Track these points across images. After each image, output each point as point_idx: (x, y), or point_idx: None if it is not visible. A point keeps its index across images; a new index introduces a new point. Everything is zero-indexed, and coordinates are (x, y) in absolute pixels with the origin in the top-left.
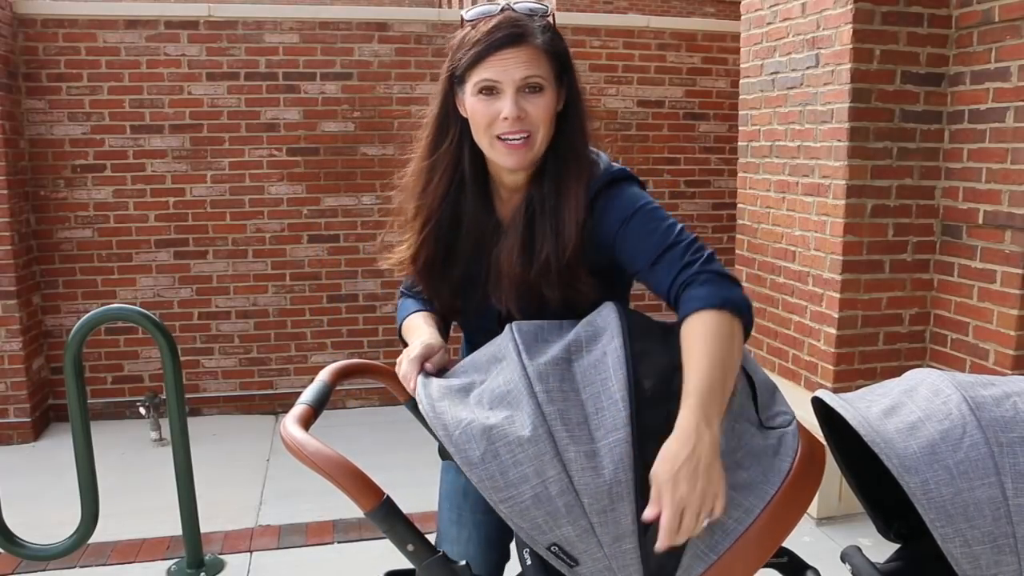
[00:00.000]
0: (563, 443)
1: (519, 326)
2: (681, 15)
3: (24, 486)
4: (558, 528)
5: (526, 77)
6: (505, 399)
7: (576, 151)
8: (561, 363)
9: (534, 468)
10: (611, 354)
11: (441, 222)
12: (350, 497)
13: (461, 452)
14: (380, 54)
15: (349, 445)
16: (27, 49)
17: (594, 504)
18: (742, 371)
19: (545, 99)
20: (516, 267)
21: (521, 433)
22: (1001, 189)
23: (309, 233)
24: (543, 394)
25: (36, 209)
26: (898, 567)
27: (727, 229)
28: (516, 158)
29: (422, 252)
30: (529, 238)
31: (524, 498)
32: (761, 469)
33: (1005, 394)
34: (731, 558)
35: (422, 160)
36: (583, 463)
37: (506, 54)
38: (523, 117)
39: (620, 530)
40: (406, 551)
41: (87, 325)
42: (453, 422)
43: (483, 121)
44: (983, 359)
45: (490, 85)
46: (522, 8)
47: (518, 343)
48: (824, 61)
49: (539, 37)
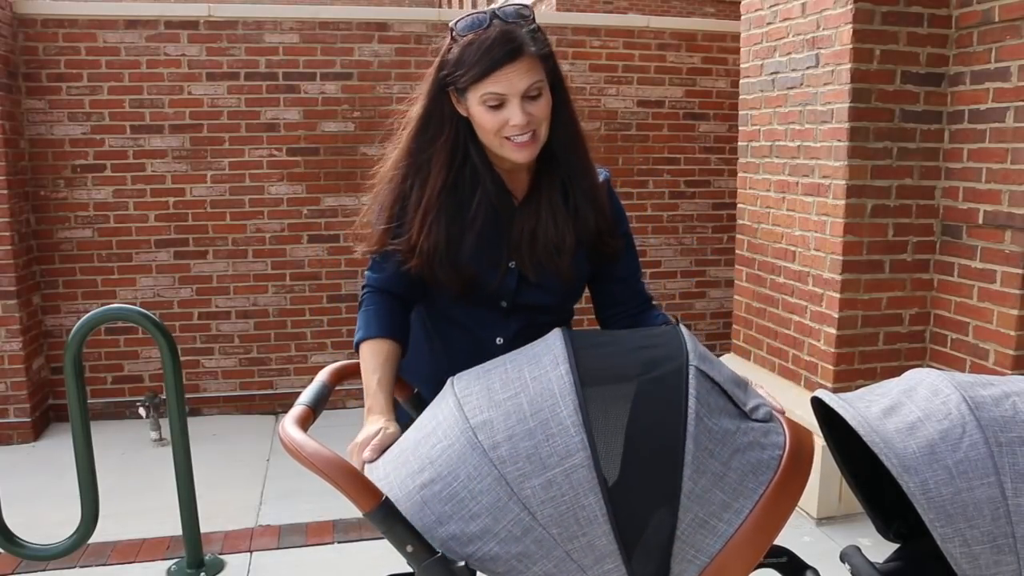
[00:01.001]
0: (517, 482)
1: (458, 377)
2: (681, 15)
3: (24, 486)
4: (535, 565)
5: (528, 87)
6: (449, 456)
7: (570, 126)
8: (506, 402)
9: (493, 517)
10: (556, 381)
11: (442, 211)
12: (349, 498)
13: (417, 520)
14: (380, 54)
15: (349, 445)
16: (27, 49)
17: (564, 532)
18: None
19: (545, 98)
20: (564, 238)
21: (471, 487)
22: (1001, 189)
23: (309, 233)
24: (487, 441)
25: (36, 209)
26: (898, 567)
27: (727, 229)
28: (525, 153)
29: (426, 241)
30: (565, 207)
31: (490, 547)
32: (749, 467)
33: (1004, 394)
34: (725, 558)
35: (413, 155)
36: (541, 496)
37: (507, 69)
38: (529, 120)
39: (598, 552)
40: (405, 552)
41: (87, 325)
42: (403, 493)
43: (492, 128)
44: (983, 359)
45: (496, 98)
46: (510, 15)
47: (456, 394)
48: (824, 61)
49: (532, 45)
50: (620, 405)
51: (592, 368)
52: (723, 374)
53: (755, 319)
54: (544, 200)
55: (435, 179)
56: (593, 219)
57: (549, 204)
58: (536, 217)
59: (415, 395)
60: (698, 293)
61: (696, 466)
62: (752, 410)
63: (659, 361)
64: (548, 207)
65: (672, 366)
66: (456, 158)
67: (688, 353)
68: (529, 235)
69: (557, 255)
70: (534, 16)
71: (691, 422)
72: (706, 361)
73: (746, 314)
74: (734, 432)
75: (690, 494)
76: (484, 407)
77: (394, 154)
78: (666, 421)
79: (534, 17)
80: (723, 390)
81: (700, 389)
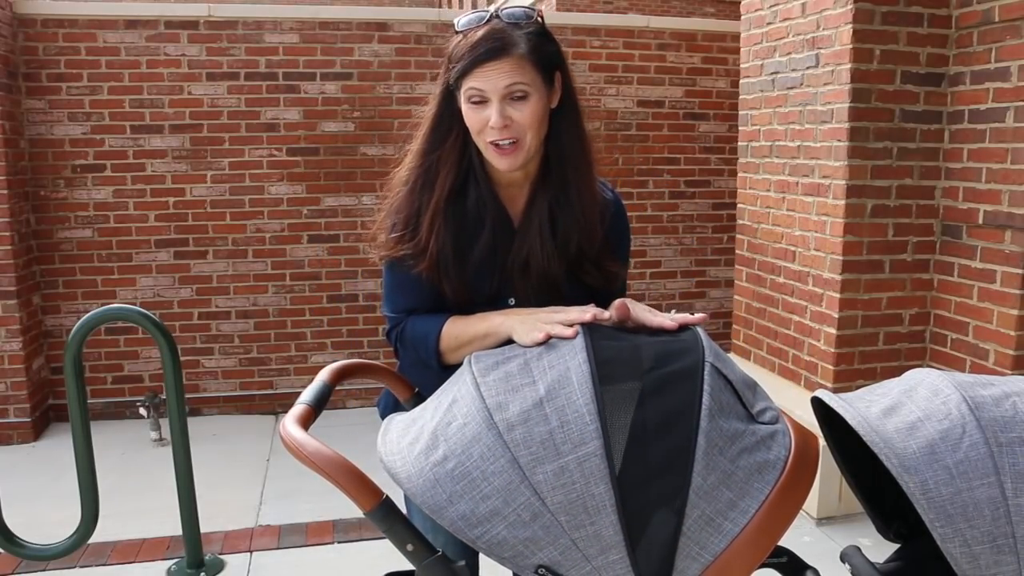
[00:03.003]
0: (529, 467)
1: (477, 357)
2: (681, 15)
3: (24, 486)
4: (540, 551)
5: (509, 86)
6: (464, 435)
7: (575, 145)
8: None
9: (503, 499)
10: (574, 370)
11: (449, 216)
12: (349, 497)
13: (427, 498)
14: (380, 54)
15: (349, 445)
16: (27, 49)
17: (572, 520)
18: (715, 370)
19: (531, 105)
20: (551, 264)
21: (484, 467)
22: (1001, 189)
23: (309, 233)
24: (503, 423)
25: (36, 209)
26: (898, 567)
27: (727, 229)
28: (507, 161)
29: (434, 244)
30: (553, 233)
31: (498, 531)
32: (756, 467)
33: (1005, 394)
34: (728, 558)
35: (424, 155)
36: (552, 483)
37: (489, 66)
38: (509, 124)
39: (604, 543)
40: (405, 551)
41: (87, 325)
42: (416, 470)
43: (475, 127)
44: (983, 359)
45: (478, 95)
46: (508, 16)
47: (475, 375)
48: (824, 61)
49: (522, 46)
50: (633, 398)
51: (608, 359)
52: (736, 374)
53: (755, 319)
54: (535, 224)
55: (443, 181)
56: (575, 243)
57: (539, 229)
58: (527, 244)
59: (416, 395)
60: (698, 293)
61: (706, 462)
62: (759, 413)
63: (675, 355)
64: (538, 232)
65: (688, 361)
66: (463, 161)
67: (704, 350)
68: (522, 264)
69: (549, 285)
70: (541, 21)
71: (704, 418)
72: (720, 359)
73: (746, 314)
74: (743, 432)
75: (698, 490)
76: (501, 390)
77: (408, 157)
78: (679, 415)
79: (541, 21)
80: (735, 390)
81: (714, 386)
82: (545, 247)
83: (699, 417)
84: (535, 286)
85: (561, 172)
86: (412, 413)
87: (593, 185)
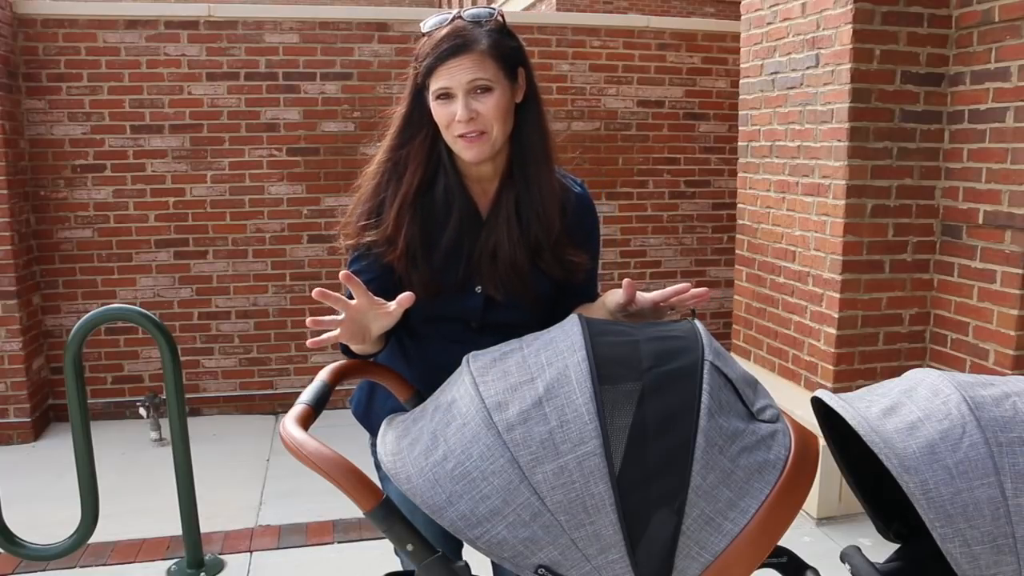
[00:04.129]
0: (529, 466)
1: (474, 356)
2: (681, 15)
3: (24, 486)
4: (540, 551)
5: (471, 80)
6: (463, 435)
7: (537, 137)
8: (522, 385)
9: (503, 499)
10: (572, 368)
11: (418, 207)
12: (349, 497)
13: (427, 499)
14: (380, 54)
15: (349, 445)
16: (27, 49)
17: (571, 520)
18: (714, 368)
19: (495, 98)
20: (517, 254)
21: (483, 467)
22: (1001, 189)
23: (309, 233)
24: (502, 423)
25: (36, 209)
26: (898, 567)
27: (727, 229)
28: (473, 151)
29: (401, 236)
30: (519, 225)
31: (498, 531)
32: (756, 466)
33: (1005, 394)
34: (728, 558)
35: (393, 151)
36: (552, 482)
37: (453, 63)
38: (475, 117)
39: (603, 542)
40: (405, 551)
41: (87, 325)
42: (416, 470)
43: (443, 123)
44: (983, 359)
45: (444, 92)
46: (470, 16)
47: (473, 374)
48: (824, 61)
49: (483, 42)
50: (633, 397)
51: (608, 357)
52: (736, 372)
53: (755, 319)
54: (503, 215)
55: (411, 176)
56: (534, 232)
57: (507, 220)
58: (495, 235)
59: (416, 394)
60: None
61: (705, 461)
62: (760, 411)
63: (674, 353)
64: (505, 223)
65: (687, 359)
66: (432, 157)
67: (704, 348)
68: (490, 254)
69: (516, 275)
70: (502, 19)
71: (703, 417)
72: (720, 357)
73: (746, 314)
74: (743, 431)
75: (698, 489)
76: (500, 389)
77: (378, 154)
78: (678, 414)
79: (502, 20)
80: (735, 388)
81: (713, 385)
82: (512, 237)
83: (698, 416)
84: (503, 275)
85: (522, 163)
86: (412, 413)
87: (551, 177)
